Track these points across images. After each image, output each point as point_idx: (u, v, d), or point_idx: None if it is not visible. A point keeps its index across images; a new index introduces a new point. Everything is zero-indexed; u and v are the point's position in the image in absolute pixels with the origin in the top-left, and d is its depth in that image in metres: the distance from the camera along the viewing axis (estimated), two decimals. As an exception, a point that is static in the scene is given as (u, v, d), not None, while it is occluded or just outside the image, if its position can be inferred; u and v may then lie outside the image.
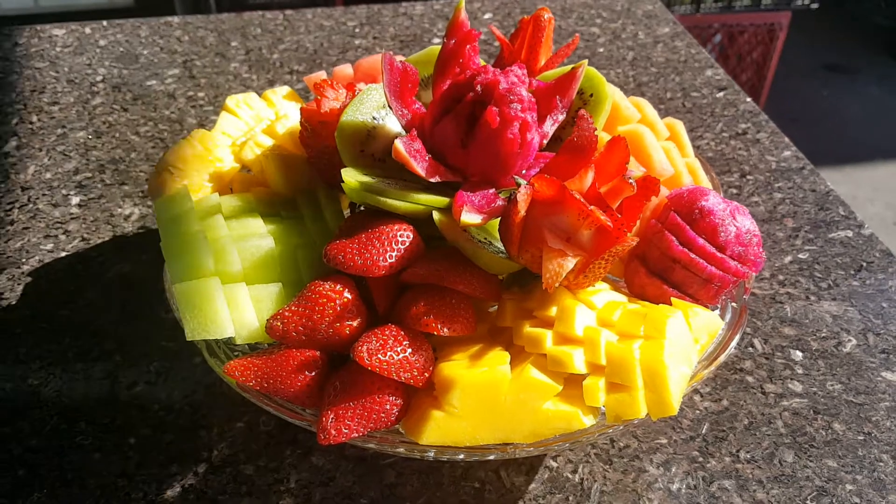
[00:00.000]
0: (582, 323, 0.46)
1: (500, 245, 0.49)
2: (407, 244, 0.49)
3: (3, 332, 0.62)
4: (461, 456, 0.45)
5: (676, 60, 1.01)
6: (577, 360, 0.44)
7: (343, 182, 0.50)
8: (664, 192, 0.55)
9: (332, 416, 0.44)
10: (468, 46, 0.56)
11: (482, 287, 0.48)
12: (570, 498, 0.52)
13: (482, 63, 0.58)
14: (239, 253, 0.49)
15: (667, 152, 0.58)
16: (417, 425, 0.44)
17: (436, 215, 0.49)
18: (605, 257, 0.46)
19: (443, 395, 0.44)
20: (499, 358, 0.45)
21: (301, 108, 0.57)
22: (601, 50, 1.04)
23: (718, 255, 0.51)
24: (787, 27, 2.27)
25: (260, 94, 0.67)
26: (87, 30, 1.06)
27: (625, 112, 0.58)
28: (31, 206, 0.75)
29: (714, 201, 0.52)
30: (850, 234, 0.73)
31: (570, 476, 0.53)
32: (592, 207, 0.44)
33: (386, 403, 0.44)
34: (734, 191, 0.79)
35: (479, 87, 0.50)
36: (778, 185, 0.79)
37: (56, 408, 0.57)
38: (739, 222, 0.52)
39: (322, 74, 0.69)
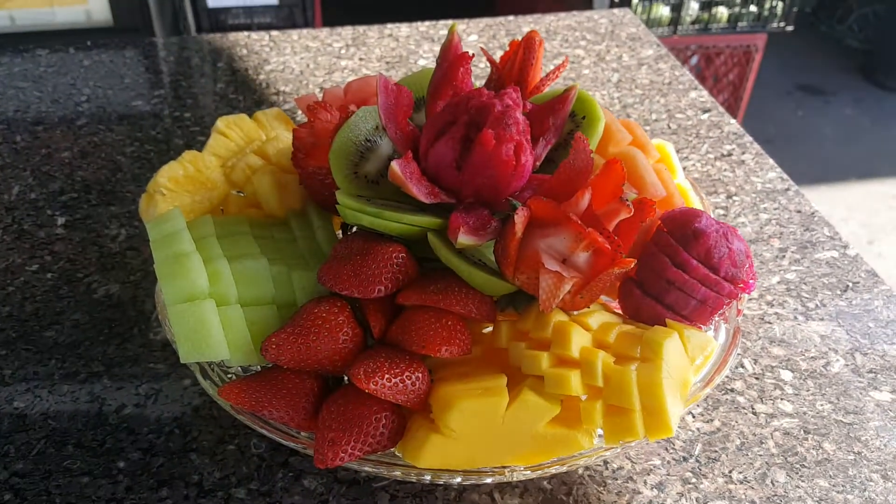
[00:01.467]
0: (578, 344, 0.46)
1: (495, 266, 0.49)
2: (401, 266, 0.49)
3: (-14, 354, 0.61)
4: (458, 479, 0.45)
5: (661, 82, 1.02)
6: (574, 382, 0.44)
7: (338, 203, 0.50)
8: (657, 213, 0.55)
9: (328, 439, 0.43)
10: (462, 69, 0.56)
11: (477, 308, 0.48)
12: (566, 520, 0.51)
13: (475, 86, 0.59)
14: (233, 274, 0.49)
15: (658, 174, 0.59)
16: (415, 448, 0.44)
17: (431, 237, 0.49)
18: (601, 279, 0.46)
19: (440, 417, 0.44)
20: (496, 380, 0.45)
21: (294, 130, 0.57)
22: (586, 72, 1.05)
23: (713, 276, 0.51)
24: (762, 49, 2.31)
25: (250, 115, 0.67)
26: (71, 50, 1.05)
27: (616, 134, 0.59)
28: (15, 226, 0.74)
29: (707, 223, 0.53)
30: (835, 254, 0.74)
31: (563, 498, 0.53)
32: (590, 229, 0.44)
33: (382, 426, 0.44)
34: (721, 211, 0.79)
35: (473, 110, 0.51)
36: (764, 206, 0.80)
37: (43, 431, 0.56)
38: (732, 244, 0.52)
39: (314, 96, 0.69)
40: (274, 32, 1.12)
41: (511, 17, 1.19)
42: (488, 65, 0.67)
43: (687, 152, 0.88)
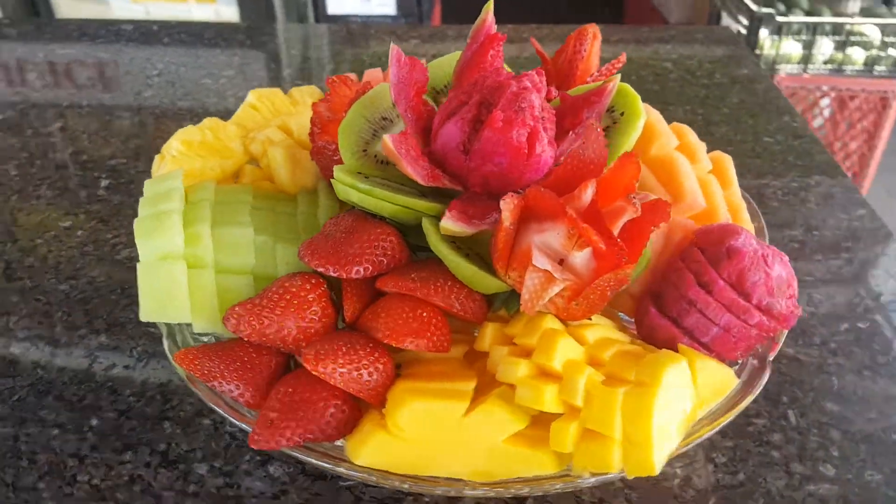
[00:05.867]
0: (565, 356, 0.41)
1: (487, 260, 0.45)
2: (388, 250, 0.45)
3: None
4: (406, 486, 0.40)
5: (752, 103, 0.94)
6: (548, 397, 0.39)
7: (333, 178, 0.47)
8: (691, 226, 0.49)
9: (269, 419, 0.40)
10: (492, 50, 0.52)
11: (462, 304, 0.44)
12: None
13: (507, 69, 0.54)
14: (214, 239, 0.46)
15: (704, 184, 0.52)
16: (357, 442, 0.40)
17: (424, 222, 0.45)
18: (598, 286, 0.40)
19: (390, 414, 0.39)
20: (462, 384, 0.41)
21: (313, 104, 0.54)
22: (672, 85, 0.98)
23: (741, 301, 0.44)
24: (901, 96, 2.12)
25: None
26: (155, 27, 1.08)
27: (660, 136, 0.53)
28: (60, 184, 0.76)
29: (746, 241, 0.46)
30: (920, 307, 0.64)
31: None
32: (585, 226, 0.39)
33: (330, 415, 0.40)
34: (795, 245, 0.71)
35: (486, 89, 0.46)
36: (846, 246, 0.71)
37: (29, 379, 0.55)
38: (772, 269, 0.45)
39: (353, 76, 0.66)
40: (361, 26, 1.11)
41: (608, 26, 1.13)
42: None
43: (769, 178, 0.80)
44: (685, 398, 0.41)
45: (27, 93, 0.95)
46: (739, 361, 0.47)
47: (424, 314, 0.42)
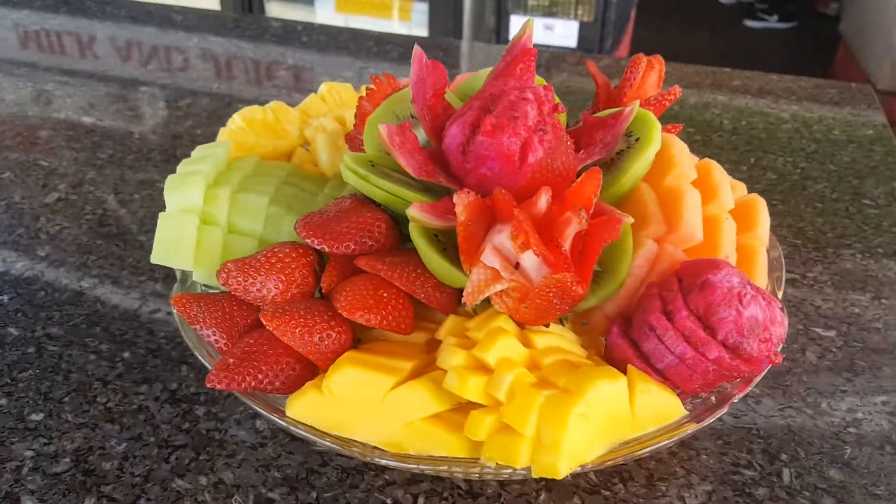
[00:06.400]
0: (502, 353, 0.42)
1: (455, 253, 0.47)
2: (375, 233, 0.48)
3: (80, 245, 0.71)
4: (327, 442, 0.43)
5: (864, 164, 0.88)
6: (472, 386, 0.40)
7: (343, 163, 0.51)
8: (680, 257, 0.48)
9: (227, 362, 0.44)
10: (521, 64, 0.54)
11: (428, 293, 0.46)
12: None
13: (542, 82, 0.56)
14: (232, 202, 0.52)
15: (714, 221, 0.51)
16: (293, 397, 0.43)
17: (408, 211, 0.48)
18: (542, 291, 0.41)
19: (327, 375, 0.42)
20: (402, 362, 0.43)
21: (359, 98, 0.59)
22: (780, 135, 0.94)
23: (701, 333, 0.43)
24: None
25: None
26: (299, 28, 1.19)
27: (676, 167, 0.52)
28: (169, 152, 0.85)
29: (724, 277, 0.45)
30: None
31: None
32: (529, 229, 0.40)
33: (280, 370, 0.44)
34: (856, 310, 0.66)
35: (489, 95, 0.49)
36: (907, 319, 0.65)
37: (87, 310, 0.64)
38: (746, 308, 0.44)
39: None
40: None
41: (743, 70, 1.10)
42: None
43: (853, 240, 0.75)
44: (616, 415, 0.41)
45: (231, 85, 1.07)
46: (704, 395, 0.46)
47: (385, 294, 0.45)
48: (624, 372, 0.43)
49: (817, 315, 0.66)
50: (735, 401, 0.45)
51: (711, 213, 0.52)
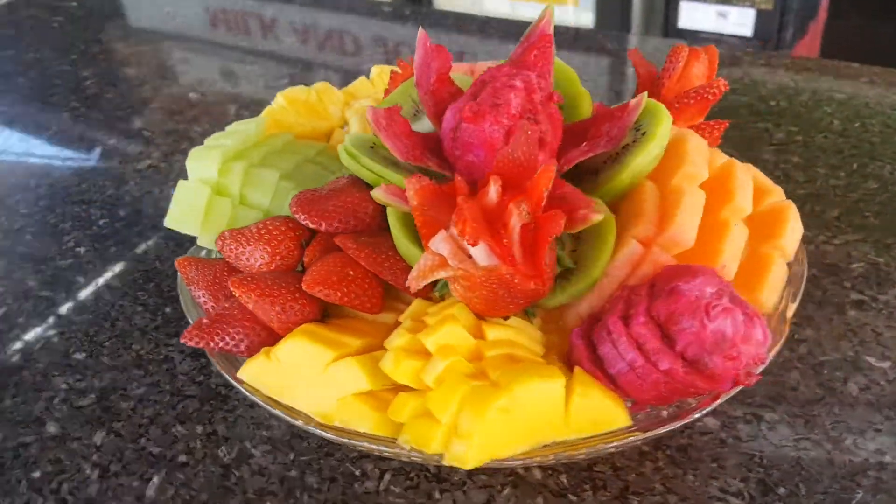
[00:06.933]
0: (445, 340, 0.42)
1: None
2: (360, 214, 0.50)
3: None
4: (268, 406, 0.45)
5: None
6: (403, 368, 0.41)
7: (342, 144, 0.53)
8: (664, 261, 0.45)
9: (202, 322, 0.47)
10: (535, 51, 0.53)
11: (395, 274, 0.47)
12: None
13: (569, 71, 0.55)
14: (245, 175, 0.55)
15: (719, 227, 0.47)
16: (247, 361, 0.45)
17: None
18: (486, 282, 0.41)
19: (278, 343, 0.44)
20: (352, 339, 0.44)
21: (390, 82, 0.60)
22: (867, 145, 0.84)
23: (655, 342, 0.41)
24: None
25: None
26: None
27: (688, 166, 0.49)
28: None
29: (696, 286, 0.42)
30: None
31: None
32: (466, 217, 0.40)
33: (244, 332, 0.46)
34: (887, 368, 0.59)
35: (479, 82, 0.48)
36: None
37: (147, 267, 0.70)
38: (712, 322, 0.41)
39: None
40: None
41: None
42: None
43: (950, 264, 0.66)
44: (541, 414, 0.40)
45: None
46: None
47: (351, 273, 0.46)
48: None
49: (875, 342, 0.59)
50: (691, 418, 0.42)
51: (720, 218, 0.48)
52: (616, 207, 0.50)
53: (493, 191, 0.41)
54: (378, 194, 0.45)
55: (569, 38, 1.15)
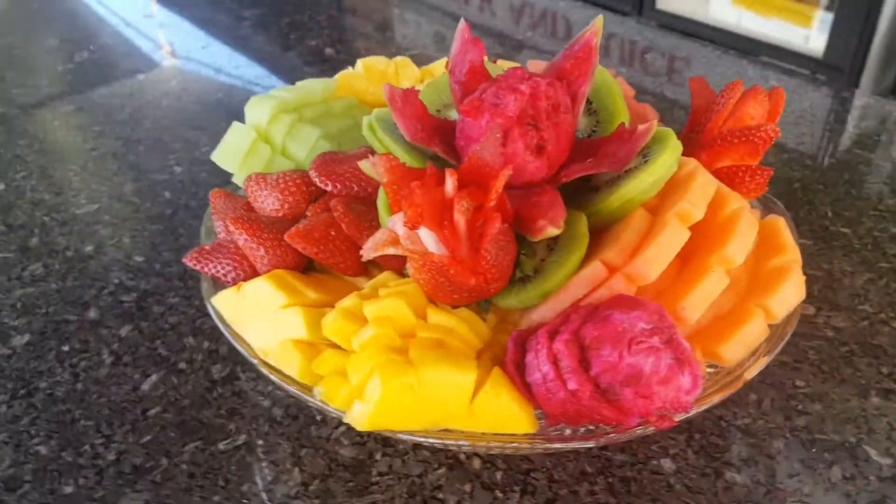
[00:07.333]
0: (384, 312, 0.44)
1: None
2: (363, 182, 0.53)
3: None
4: (228, 336, 0.49)
5: None
6: (337, 327, 0.44)
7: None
8: (619, 289, 0.45)
9: (202, 248, 0.53)
10: (571, 61, 0.53)
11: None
12: None
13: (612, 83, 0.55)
14: (291, 128, 0.60)
15: (694, 271, 0.46)
16: (222, 291, 0.50)
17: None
18: (425, 266, 0.43)
19: (250, 280, 0.49)
20: (310, 291, 0.48)
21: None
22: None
23: (569, 361, 0.41)
24: None
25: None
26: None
27: (682, 203, 0.47)
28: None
29: (629, 319, 0.41)
30: None
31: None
32: (405, 202, 0.41)
33: (234, 264, 0.52)
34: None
35: (496, 79, 0.50)
36: None
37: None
38: (632, 356, 0.40)
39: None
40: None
41: None
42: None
43: None
44: (444, 401, 0.42)
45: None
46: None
47: (333, 233, 0.50)
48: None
49: (885, 436, 0.54)
50: (592, 446, 0.42)
51: (703, 262, 0.47)
52: (606, 230, 0.50)
53: (449, 183, 0.43)
54: (364, 164, 0.48)
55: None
